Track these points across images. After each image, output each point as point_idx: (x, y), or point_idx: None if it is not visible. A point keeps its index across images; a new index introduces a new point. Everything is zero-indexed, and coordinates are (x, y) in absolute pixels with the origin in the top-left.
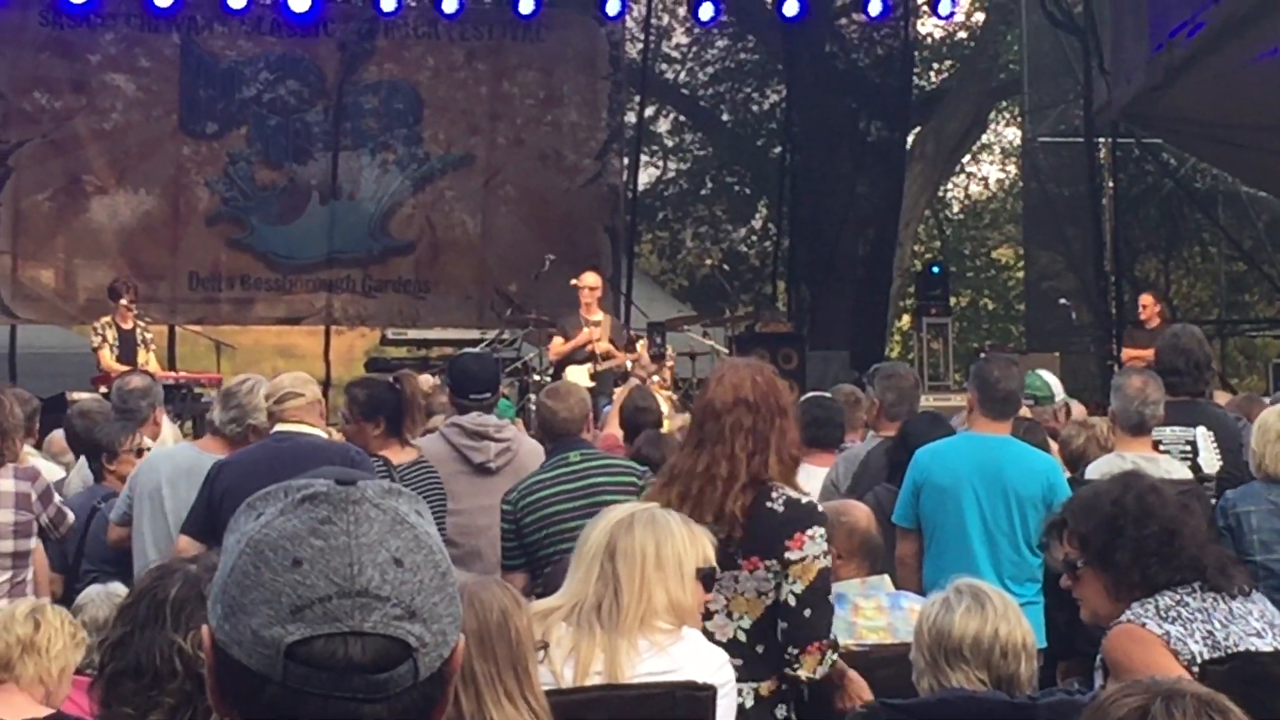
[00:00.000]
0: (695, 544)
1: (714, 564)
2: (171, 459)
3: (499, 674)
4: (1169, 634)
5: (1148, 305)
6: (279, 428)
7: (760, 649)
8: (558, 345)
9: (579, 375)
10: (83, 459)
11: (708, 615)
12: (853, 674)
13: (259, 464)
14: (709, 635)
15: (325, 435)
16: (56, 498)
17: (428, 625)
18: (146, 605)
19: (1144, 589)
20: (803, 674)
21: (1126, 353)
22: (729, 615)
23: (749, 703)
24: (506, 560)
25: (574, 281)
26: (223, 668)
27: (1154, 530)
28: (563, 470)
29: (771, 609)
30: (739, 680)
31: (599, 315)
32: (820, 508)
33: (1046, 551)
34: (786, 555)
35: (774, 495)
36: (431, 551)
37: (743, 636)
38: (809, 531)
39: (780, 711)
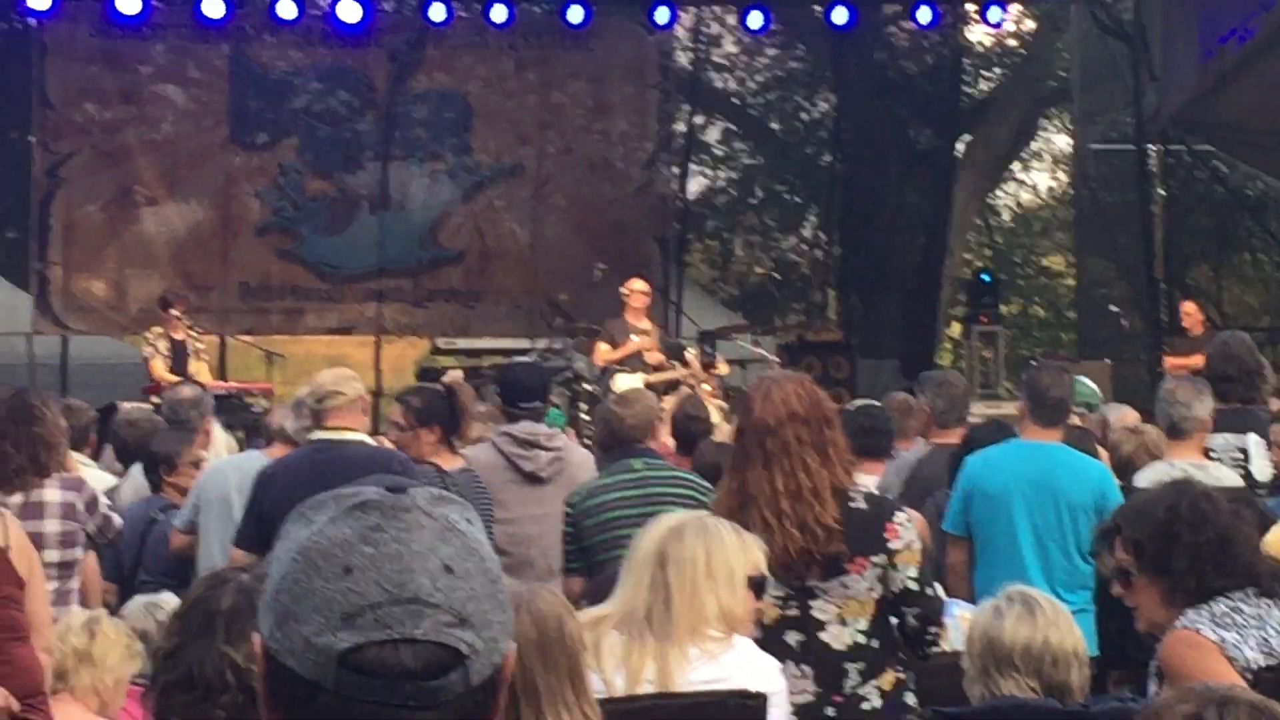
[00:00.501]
0: (746, 552)
1: (765, 572)
2: (239, 468)
3: (558, 683)
4: (1224, 640)
5: (1190, 313)
6: (321, 435)
7: (877, 644)
8: (604, 352)
9: (632, 384)
10: (136, 468)
11: (819, 627)
12: None
13: (304, 475)
14: (825, 646)
15: (369, 440)
16: (104, 504)
17: (479, 632)
18: (199, 616)
19: (1199, 595)
20: (946, 647)
21: (1169, 361)
22: (843, 623)
23: (876, 703)
24: (567, 563)
25: (622, 288)
26: (274, 676)
27: (1210, 537)
28: (625, 477)
29: (882, 604)
30: (863, 682)
31: (647, 324)
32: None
33: (1098, 559)
34: (889, 546)
35: (853, 496)
36: (482, 559)
37: (861, 639)
38: (897, 518)
39: (909, 698)
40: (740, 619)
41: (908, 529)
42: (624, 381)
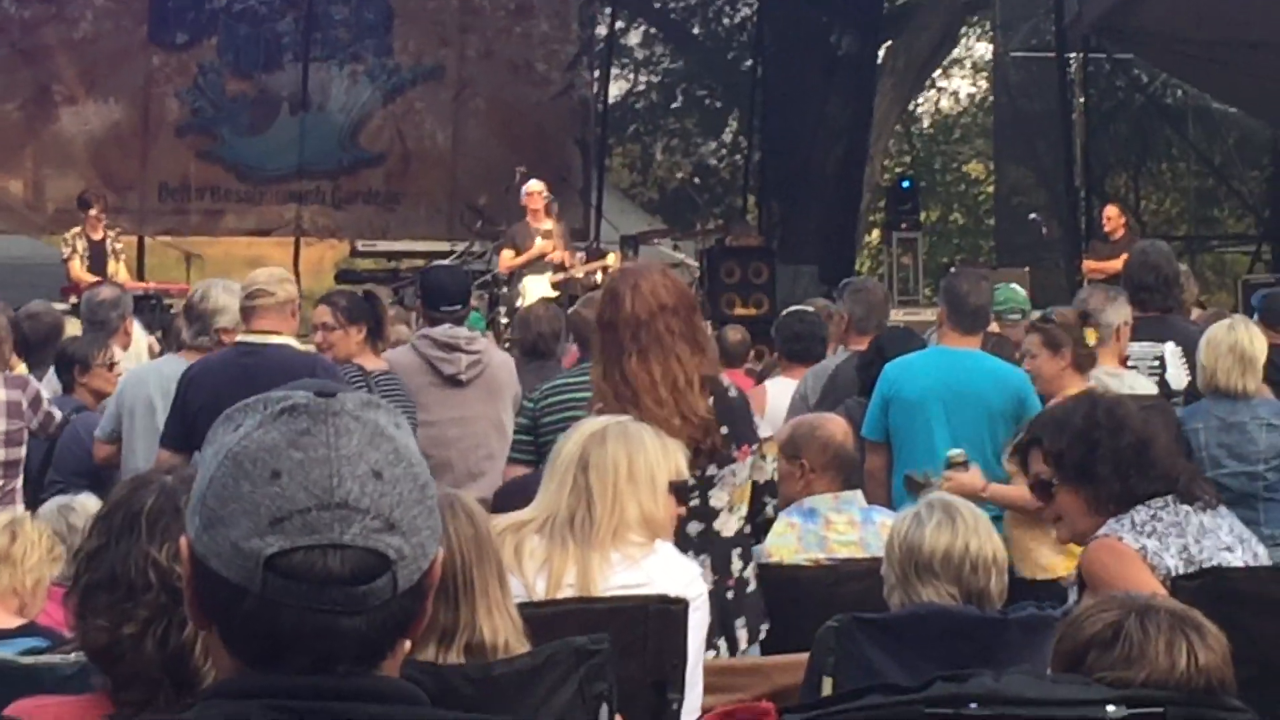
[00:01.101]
0: (668, 457)
1: (686, 477)
2: (159, 371)
3: (492, 582)
4: (1145, 548)
5: (1112, 218)
6: (245, 338)
7: (747, 530)
8: (508, 258)
9: (540, 285)
10: (50, 370)
11: (715, 515)
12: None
13: (228, 376)
14: (717, 535)
15: (295, 343)
16: (45, 399)
17: (407, 538)
18: (122, 517)
19: (1123, 502)
20: (844, 554)
21: (1087, 264)
22: (730, 510)
23: (754, 585)
24: (515, 453)
25: (523, 193)
26: (201, 579)
27: (1129, 441)
28: (589, 378)
29: (753, 490)
30: (744, 566)
31: (548, 223)
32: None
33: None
34: (760, 435)
35: (725, 385)
36: (411, 464)
37: (742, 525)
38: (754, 409)
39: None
40: (662, 523)
41: (760, 419)
42: (532, 285)
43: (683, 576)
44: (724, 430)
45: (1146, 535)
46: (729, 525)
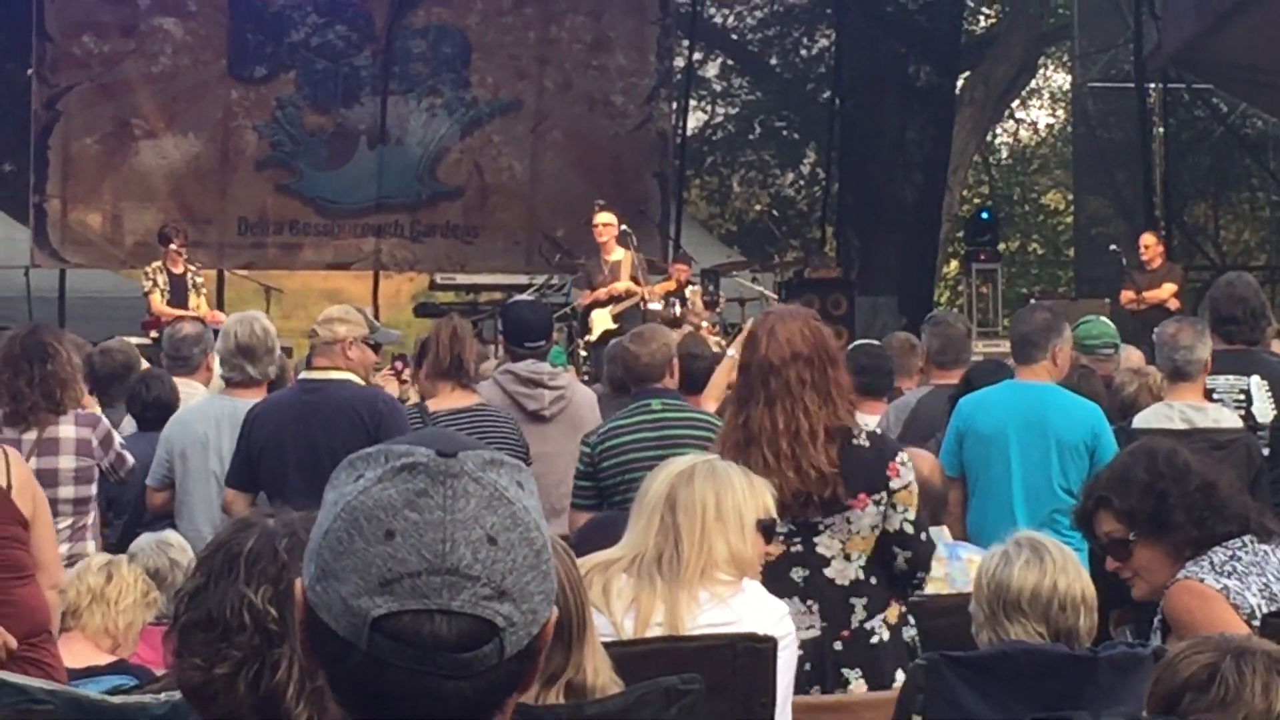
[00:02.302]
0: (755, 495)
1: (774, 515)
2: (203, 412)
3: (590, 623)
4: (1227, 588)
5: (1150, 245)
6: (307, 375)
7: (875, 580)
8: (586, 296)
9: (603, 318)
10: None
11: (824, 563)
12: None
13: (290, 415)
14: (830, 582)
15: (355, 379)
16: (118, 441)
17: (517, 605)
18: (222, 557)
19: (1200, 547)
20: (930, 590)
21: (1125, 295)
22: (847, 558)
23: (884, 636)
24: (578, 499)
25: (593, 222)
26: (312, 627)
27: (1197, 484)
28: (644, 418)
29: (881, 542)
30: (869, 616)
31: (618, 253)
32: None
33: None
34: (890, 484)
35: (855, 434)
36: (527, 529)
37: (863, 575)
38: (899, 458)
39: (908, 633)
40: (749, 562)
41: (907, 469)
42: (599, 317)
43: (771, 615)
44: (842, 480)
45: (1227, 575)
46: (845, 573)
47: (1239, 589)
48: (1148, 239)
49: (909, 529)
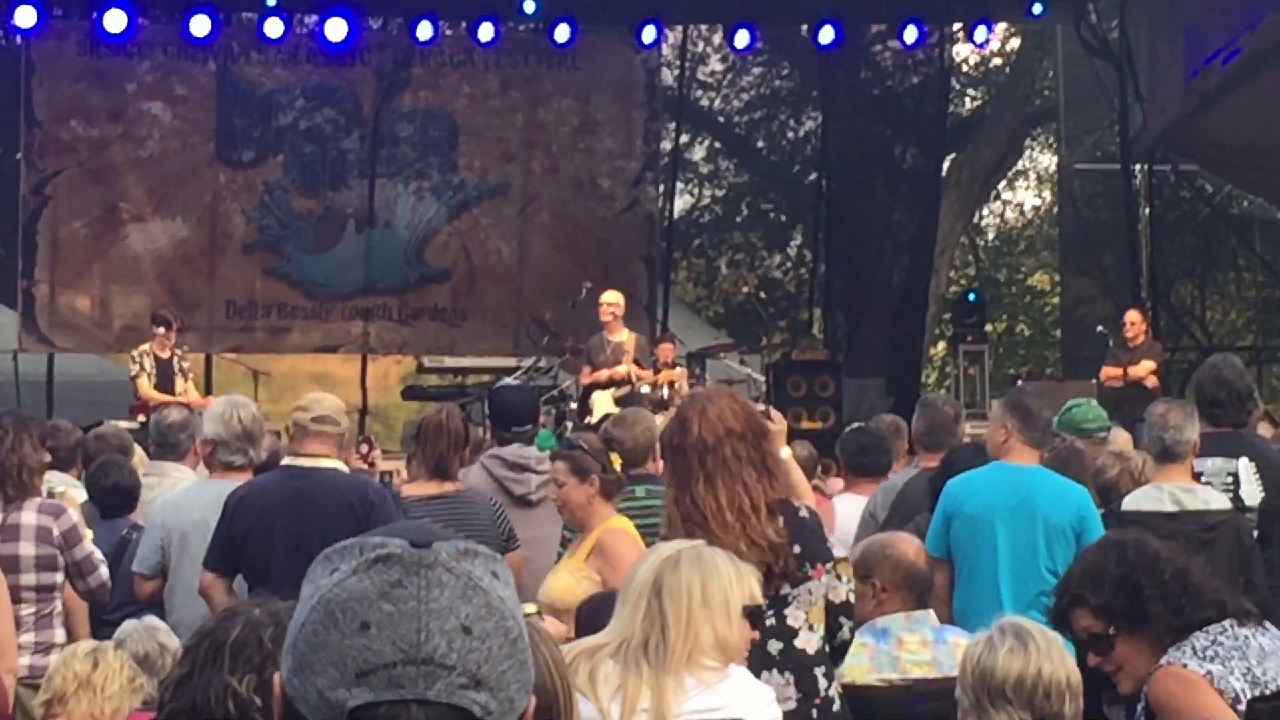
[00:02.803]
0: (742, 581)
1: (760, 602)
2: (202, 499)
3: (574, 708)
4: (1211, 673)
5: (1134, 322)
6: (296, 461)
7: (827, 649)
8: (586, 372)
9: (604, 401)
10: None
11: (794, 634)
12: None
13: (276, 500)
14: (801, 653)
15: (342, 467)
16: (88, 542)
17: (494, 693)
18: (207, 647)
19: (1179, 634)
20: (916, 674)
21: (1105, 371)
22: (811, 628)
23: (839, 705)
24: None
25: (599, 302)
26: (291, 719)
27: (1169, 573)
28: (628, 505)
29: (828, 609)
30: (829, 685)
31: (623, 334)
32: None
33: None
34: (835, 554)
35: (795, 506)
36: (503, 617)
37: (822, 644)
38: (826, 528)
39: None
40: (736, 648)
41: (832, 537)
42: (600, 400)
43: (758, 701)
44: (796, 550)
45: (1210, 660)
46: (811, 643)
47: (1222, 673)
48: (1133, 315)
49: (851, 599)
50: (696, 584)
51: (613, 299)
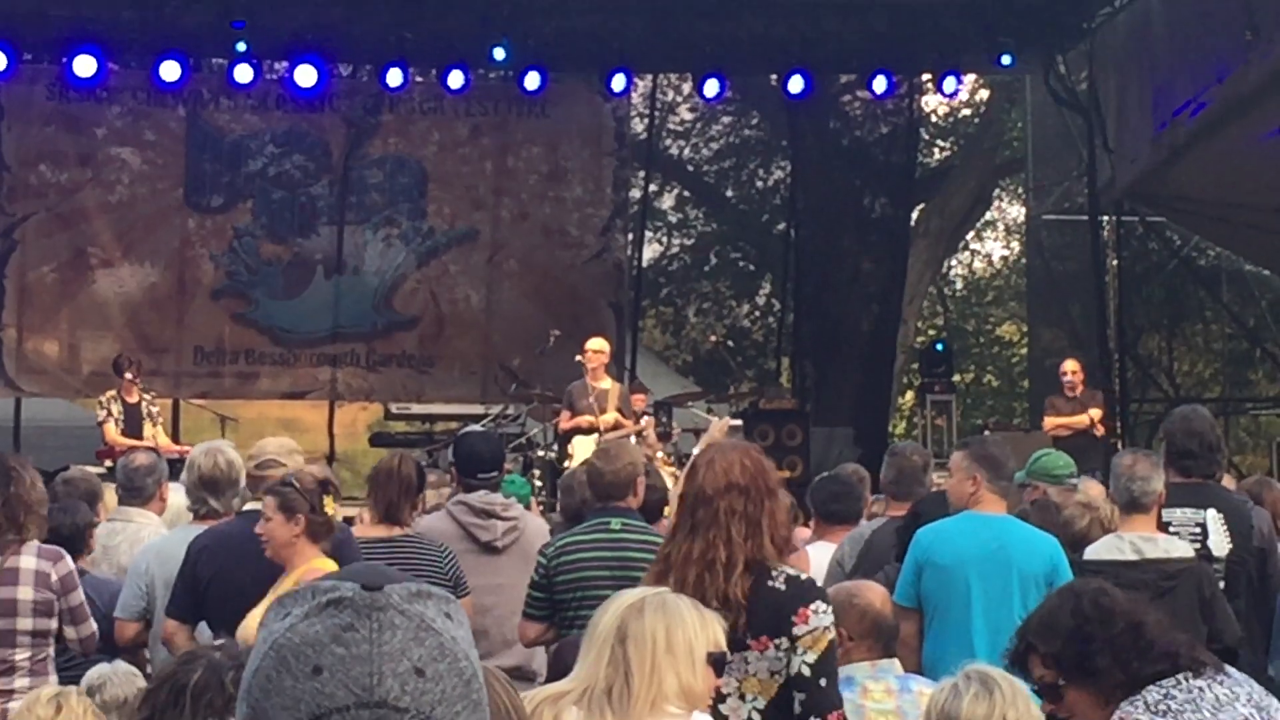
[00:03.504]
0: (706, 629)
1: (725, 649)
2: (184, 543)
3: None
4: None
5: (1073, 372)
6: (254, 506)
7: None
8: (565, 418)
9: (586, 446)
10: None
11: (720, 699)
12: None
13: (237, 547)
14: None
15: None
16: (80, 592)
17: None
18: (168, 691)
19: (1131, 687)
20: None
21: (1048, 422)
22: (741, 698)
23: None
24: (530, 609)
25: (584, 348)
26: None
27: (1121, 627)
28: (602, 536)
29: (784, 687)
30: None
31: (606, 382)
32: (821, 585)
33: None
34: (794, 631)
35: (774, 574)
36: (456, 659)
37: (757, 718)
38: (812, 606)
39: None
40: (700, 695)
41: (819, 616)
42: (580, 446)
43: None
44: (744, 617)
45: (1161, 715)
46: (739, 713)
47: None
48: (1071, 364)
49: (806, 671)
50: (661, 630)
51: (598, 346)
